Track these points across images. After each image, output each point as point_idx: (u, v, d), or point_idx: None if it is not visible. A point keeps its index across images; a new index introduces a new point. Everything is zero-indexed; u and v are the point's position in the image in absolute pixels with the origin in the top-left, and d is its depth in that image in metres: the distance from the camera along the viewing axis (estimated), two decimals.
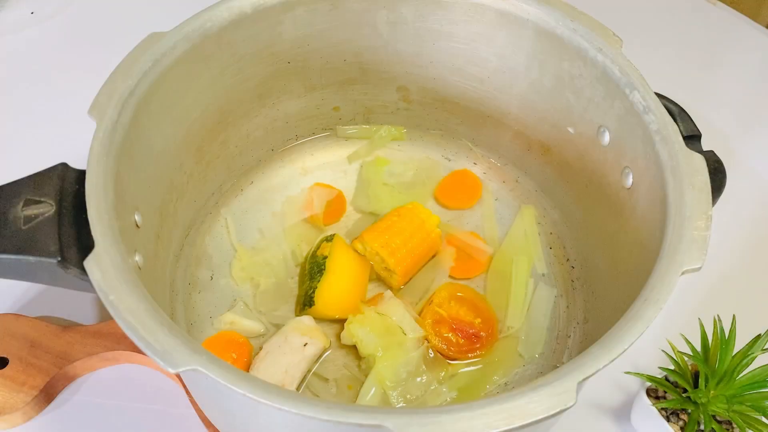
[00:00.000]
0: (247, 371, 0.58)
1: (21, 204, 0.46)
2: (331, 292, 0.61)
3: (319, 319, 0.61)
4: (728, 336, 0.54)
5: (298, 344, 0.58)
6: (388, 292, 0.62)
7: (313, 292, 0.61)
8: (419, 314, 0.62)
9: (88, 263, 0.42)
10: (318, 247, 0.64)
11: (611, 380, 0.62)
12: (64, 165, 0.49)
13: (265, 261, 0.65)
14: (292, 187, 0.71)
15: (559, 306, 0.64)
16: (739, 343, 0.54)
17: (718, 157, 0.54)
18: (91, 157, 0.47)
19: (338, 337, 0.61)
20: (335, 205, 0.69)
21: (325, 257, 0.62)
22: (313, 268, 0.63)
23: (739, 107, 0.84)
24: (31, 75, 0.84)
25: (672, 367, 0.55)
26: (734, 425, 0.54)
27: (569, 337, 0.62)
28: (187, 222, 0.66)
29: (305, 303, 0.61)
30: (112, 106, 0.50)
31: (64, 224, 0.45)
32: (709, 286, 0.68)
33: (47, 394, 0.59)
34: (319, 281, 0.61)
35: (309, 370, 0.59)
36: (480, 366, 0.60)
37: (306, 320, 0.60)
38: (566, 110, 0.62)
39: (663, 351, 0.56)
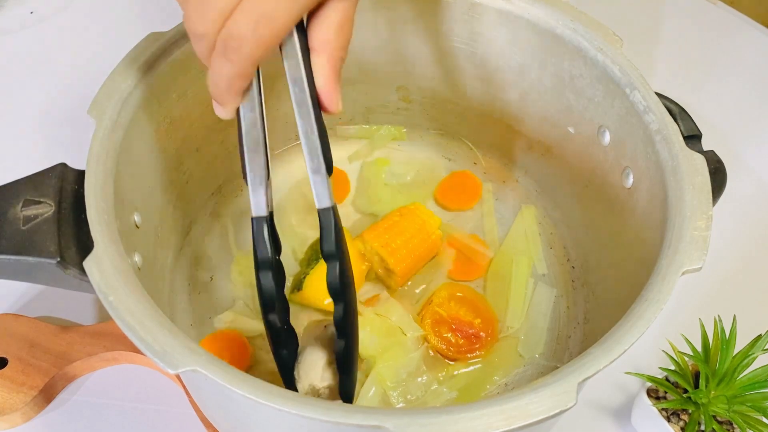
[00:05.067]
0: (247, 371, 0.58)
1: (20, 204, 0.46)
2: (321, 282, 0.61)
3: (305, 306, 0.61)
4: (729, 336, 0.54)
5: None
6: (385, 293, 0.62)
7: (305, 277, 0.61)
8: (419, 315, 0.62)
9: (88, 264, 0.42)
10: None
11: (611, 381, 0.62)
12: (63, 165, 0.48)
13: None
14: (292, 188, 0.71)
15: (559, 306, 0.64)
16: (740, 344, 0.54)
17: (719, 157, 0.54)
18: (90, 157, 0.47)
19: None
20: (337, 184, 0.69)
21: None
22: (311, 256, 0.63)
23: (739, 107, 0.84)
24: (30, 75, 0.84)
25: (672, 368, 0.55)
26: (735, 426, 0.54)
27: (569, 337, 0.62)
28: (187, 222, 0.66)
29: (295, 286, 0.62)
30: (112, 106, 0.50)
31: (63, 225, 0.45)
32: (710, 286, 0.68)
33: (47, 395, 0.59)
34: (312, 269, 0.61)
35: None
36: (480, 366, 0.60)
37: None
38: (566, 110, 0.62)
39: (663, 351, 0.56)
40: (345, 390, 0.51)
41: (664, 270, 0.44)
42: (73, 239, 0.45)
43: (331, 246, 0.47)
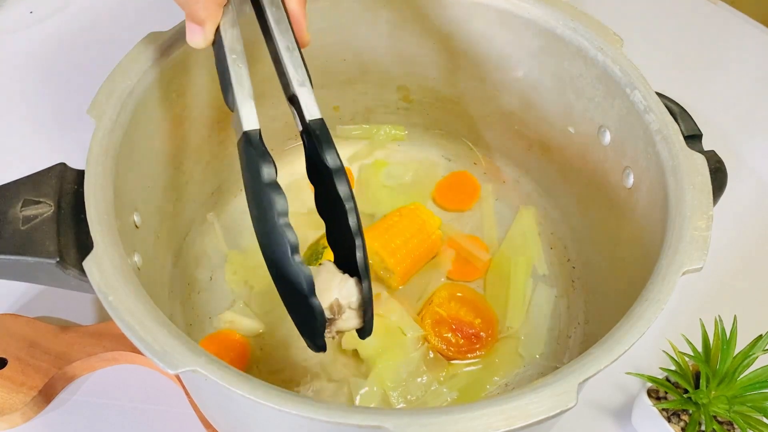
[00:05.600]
0: (247, 371, 0.58)
1: (20, 204, 0.46)
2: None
3: None
4: (729, 336, 0.54)
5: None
6: (385, 293, 0.62)
7: None
8: (419, 315, 0.62)
9: (87, 264, 0.42)
10: (323, 236, 0.64)
11: (612, 381, 0.62)
12: (63, 165, 0.48)
13: (257, 263, 0.64)
14: (292, 188, 0.70)
15: (559, 306, 0.64)
16: (741, 344, 0.54)
17: (719, 157, 0.54)
18: (89, 157, 0.47)
19: (339, 342, 0.61)
20: None
21: (325, 247, 0.62)
22: (312, 255, 0.63)
23: (740, 107, 0.84)
24: (30, 75, 0.84)
25: (673, 368, 0.55)
26: (735, 426, 0.54)
27: (570, 337, 0.62)
28: (186, 222, 0.66)
29: None
30: (111, 105, 0.50)
31: (62, 225, 0.45)
32: (710, 287, 0.68)
33: (46, 395, 0.59)
34: None
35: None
36: (480, 366, 0.60)
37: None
38: (567, 110, 0.62)
39: (664, 351, 0.56)
40: (366, 300, 0.47)
41: (665, 270, 0.44)
42: (72, 239, 0.45)
43: (335, 157, 0.45)
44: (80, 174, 0.48)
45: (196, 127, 0.61)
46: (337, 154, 0.45)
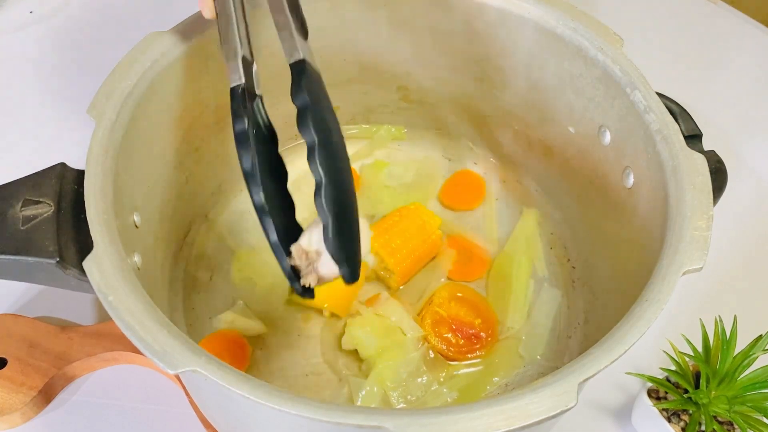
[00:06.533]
0: (246, 371, 0.58)
1: (20, 204, 0.46)
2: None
3: (305, 306, 0.62)
4: (729, 336, 0.54)
5: None
6: (385, 293, 0.62)
7: None
8: (419, 315, 0.62)
9: (87, 264, 0.42)
10: None
11: (612, 381, 0.62)
12: (63, 165, 0.48)
13: (264, 261, 0.65)
14: (292, 188, 0.70)
15: (560, 307, 0.64)
16: (741, 344, 0.54)
17: (720, 157, 0.54)
18: (89, 157, 0.47)
19: (339, 342, 0.61)
20: None
21: None
22: None
23: (740, 107, 0.84)
24: (30, 74, 0.84)
25: (673, 368, 0.55)
26: (735, 426, 0.54)
27: (570, 337, 0.62)
28: (186, 222, 0.66)
29: None
30: (111, 105, 0.50)
31: (62, 225, 0.45)
32: (711, 287, 0.68)
33: (46, 395, 0.59)
34: None
35: None
36: (481, 367, 0.60)
37: None
38: (567, 110, 0.62)
39: (664, 351, 0.56)
40: (346, 252, 0.44)
41: (665, 270, 0.44)
42: (72, 239, 0.45)
43: (304, 97, 0.45)
44: (80, 174, 0.48)
45: (196, 127, 0.61)
46: (308, 95, 0.45)
